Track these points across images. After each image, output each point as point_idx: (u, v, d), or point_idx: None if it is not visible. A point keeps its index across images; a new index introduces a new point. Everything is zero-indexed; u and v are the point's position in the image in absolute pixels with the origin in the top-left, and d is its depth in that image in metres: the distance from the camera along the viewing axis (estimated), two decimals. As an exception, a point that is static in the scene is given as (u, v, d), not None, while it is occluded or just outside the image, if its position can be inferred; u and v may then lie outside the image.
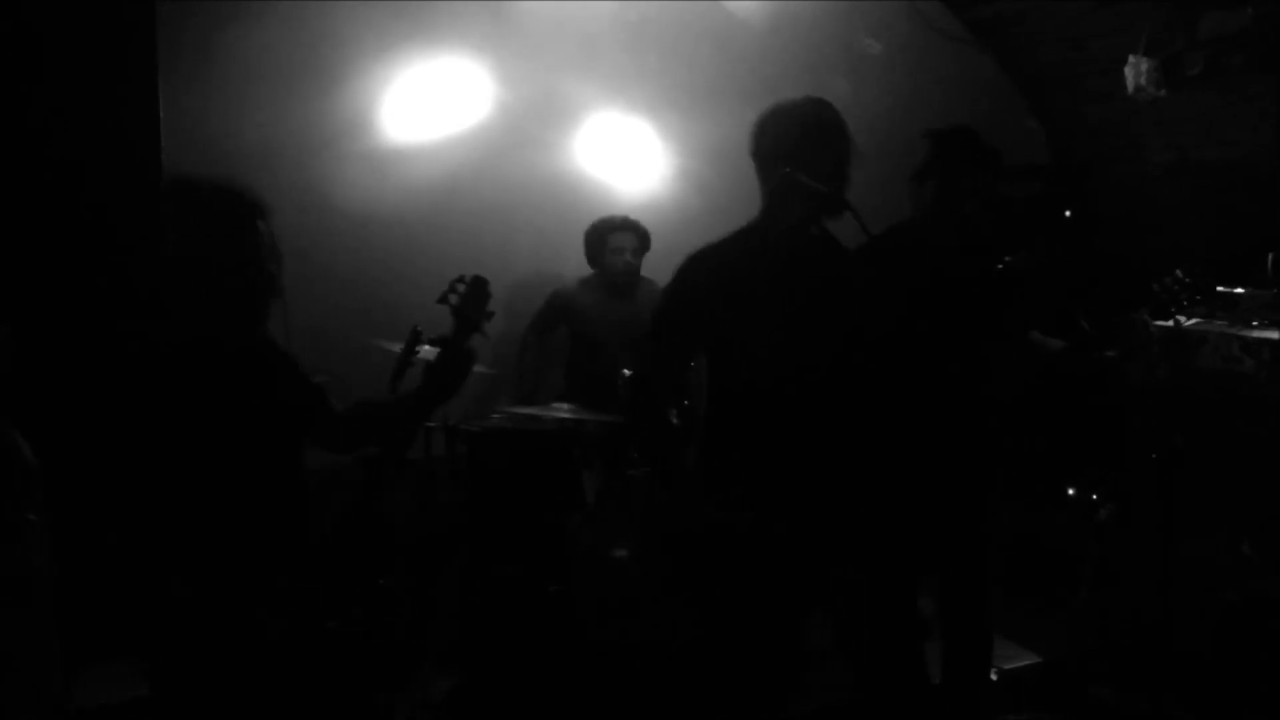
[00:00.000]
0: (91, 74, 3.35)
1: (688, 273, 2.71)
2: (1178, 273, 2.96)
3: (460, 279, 2.50)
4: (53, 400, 3.25)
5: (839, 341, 2.66)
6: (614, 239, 4.55)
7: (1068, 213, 3.37)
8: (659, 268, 4.36)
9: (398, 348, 3.75)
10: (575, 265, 4.73)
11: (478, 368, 3.92)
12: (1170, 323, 3.01)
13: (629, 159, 5.11)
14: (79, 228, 3.33)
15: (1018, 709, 3.47)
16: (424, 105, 4.77)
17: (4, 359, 2.77)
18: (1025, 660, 3.83)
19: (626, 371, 3.90)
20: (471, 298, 2.49)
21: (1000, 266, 3.21)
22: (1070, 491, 3.85)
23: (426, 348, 3.77)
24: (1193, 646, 3.58)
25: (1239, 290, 3.83)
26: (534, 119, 4.91)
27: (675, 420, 3.84)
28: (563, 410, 3.99)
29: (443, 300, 2.50)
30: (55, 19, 3.30)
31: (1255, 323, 3.76)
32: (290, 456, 2.29)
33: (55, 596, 2.57)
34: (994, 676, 3.50)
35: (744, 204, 2.81)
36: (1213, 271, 3.26)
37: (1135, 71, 4.54)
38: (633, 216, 4.62)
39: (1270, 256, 3.77)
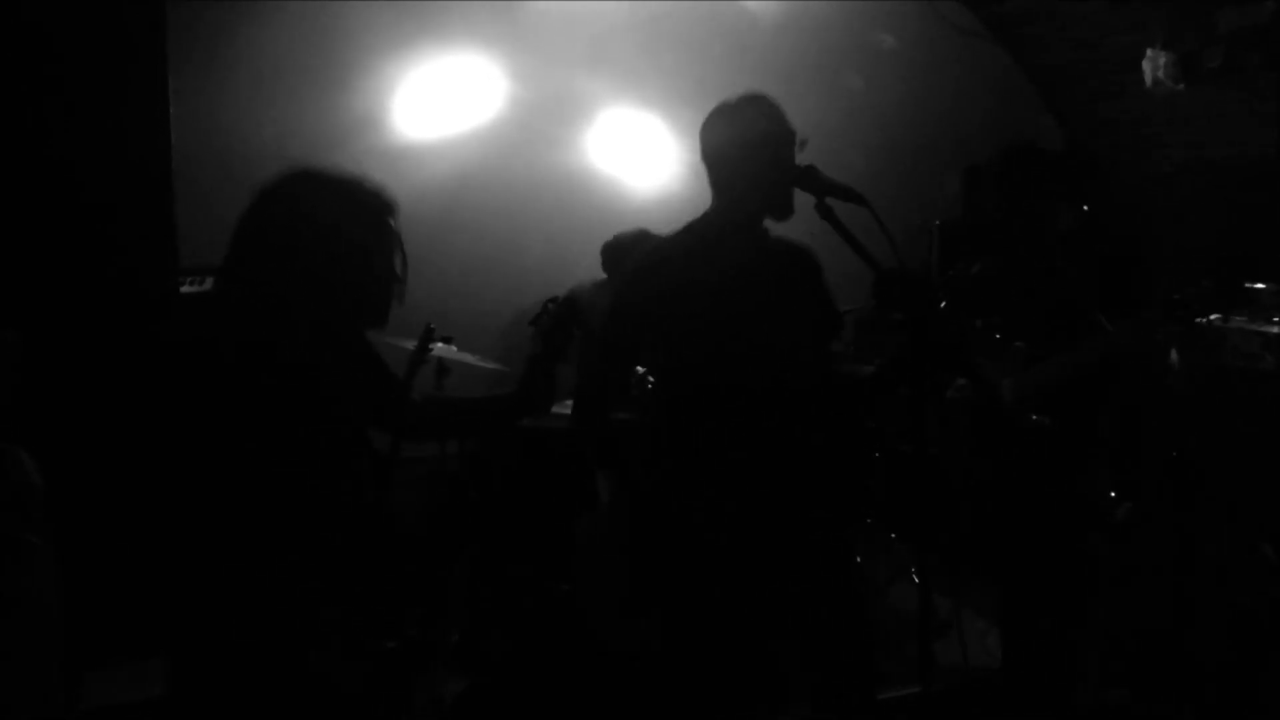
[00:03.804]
0: (100, 77, 3.34)
1: (640, 274, 2.71)
2: (1204, 283, 2.90)
3: (553, 299, 2.45)
4: (71, 403, 3.25)
5: (793, 342, 2.64)
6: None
7: (1085, 207, 3.33)
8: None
9: (411, 345, 3.75)
10: (588, 262, 4.70)
11: (490, 364, 3.93)
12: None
13: (642, 155, 5.09)
14: (87, 231, 3.33)
15: (1031, 711, 3.43)
16: (436, 103, 4.77)
17: (10, 367, 2.75)
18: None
19: (640, 369, 3.87)
20: (561, 321, 2.44)
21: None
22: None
23: (440, 344, 3.77)
24: (1210, 650, 3.55)
25: (1260, 286, 3.78)
26: (546, 116, 4.89)
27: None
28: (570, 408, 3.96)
29: (534, 322, 2.45)
30: (63, 22, 3.29)
31: (1277, 319, 3.72)
32: (365, 453, 2.22)
33: (60, 615, 2.55)
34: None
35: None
36: (1237, 276, 3.22)
37: (1153, 65, 4.50)
38: (645, 219, 4.55)
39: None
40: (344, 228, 2.06)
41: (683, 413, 2.69)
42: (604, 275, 4.65)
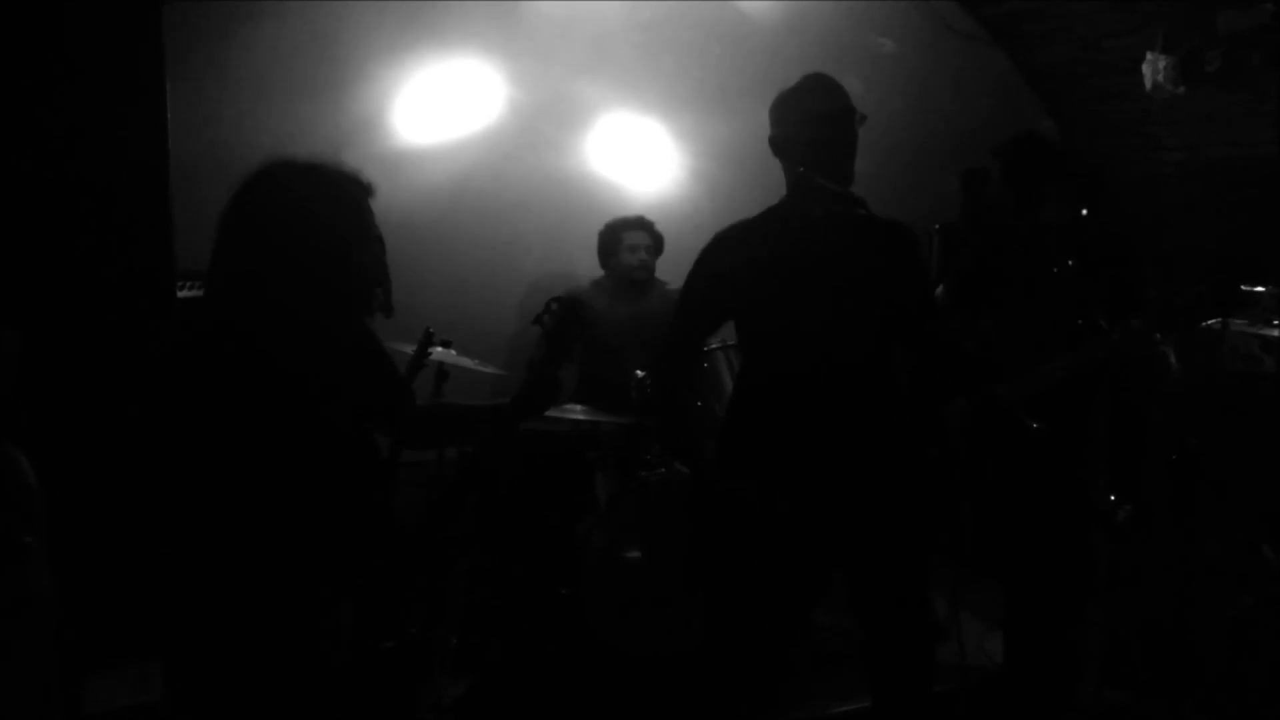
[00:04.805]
0: (98, 80, 3.35)
1: (713, 248, 2.76)
2: (1200, 289, 2.90)
3: (555, 299, 2.43)
4: (70, 402, 3.26)
5: (863, 322, 2.66)
6: (629, 237, 4.55)
7: (1085, 210, 3.34)
8: (672, 269, 4.34)
9: (410, 349, 3.75)
10: (587, 266, 4.71)
11: (490, 368, 3.93)
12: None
13: (641, 160, 5.09)
14: (86, 233, 3.33)
15: (1031, 711, 3.43)
16: (435, 107, 4.76)
17: (11, 366, 2.75)
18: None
19: (639, 373, 3.88)
20: (565, 321, 2.44)
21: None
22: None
23: (439, 349, 3.77)
24: (1210, 649, 3.55)
25: (1259, 288, 3.78)
26: (545, 120, 4.89)
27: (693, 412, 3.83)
28: (576, 412, 3.97)
29: (537, 321, 2.45)
30: (61, 26, 3.30)
31: (1276, 321, 3.72)
32: (369, 453, 2.21)
33: (55, 616, 2.55)
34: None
35: (757, 204, 2.80)
36: (1234, 278, 3.22)
37: (1153, 68, 4.50)
38: (646, 217, 4.62)
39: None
40: (322, 210, 2.06)
41: (752, 390, 2.73)
42: (603, 273, 4.67)
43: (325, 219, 2.06)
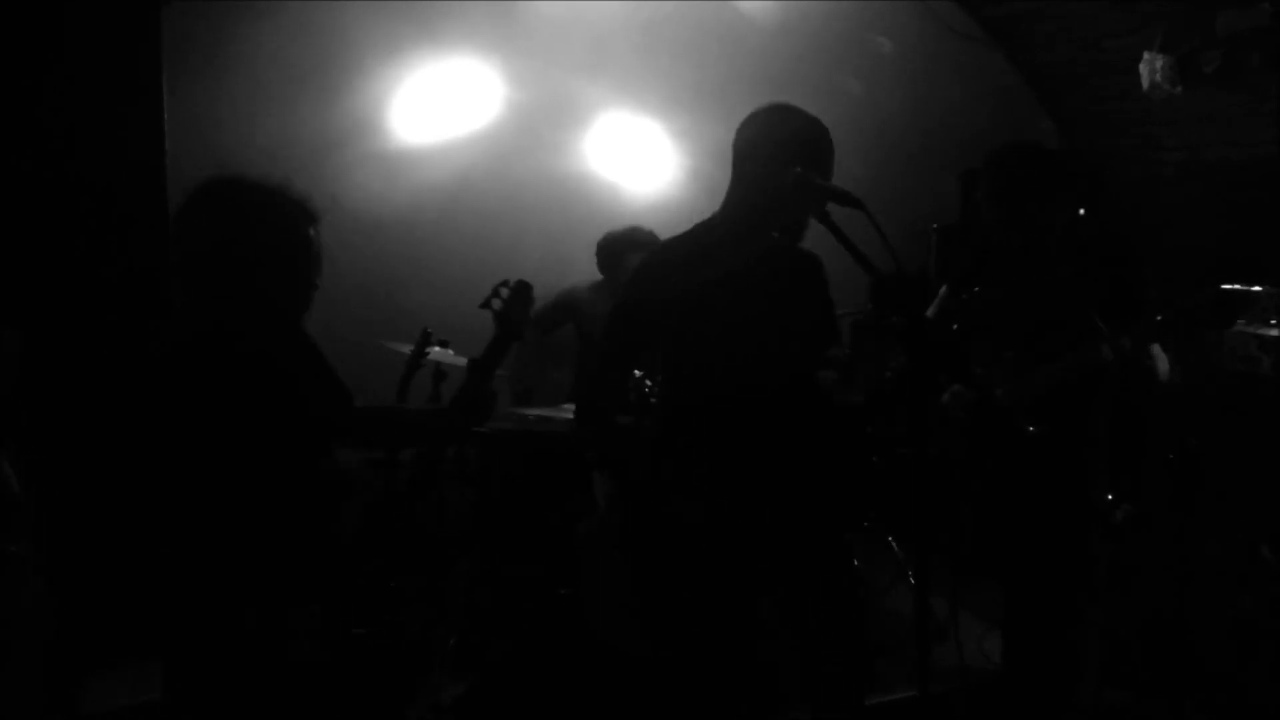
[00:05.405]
0: (97, 81, 3.35)
1: (642, 277, 2.69)
2: (1201, 296, 2.89)
3: (504, 283, 2.45)
4: (74, 405, 3.26)
5: (794, 348, 2.65)
6: (631, 259, 4.49)
7: (1081, 211, 3.34)
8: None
9: (407, 349, 3.75)
10: (585, 266, 4.70)
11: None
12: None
13: (639, 160, 5.09)
14: (84, 234, 3.34)
15: (1031, 711, 3.43)
16: (433, 107, 4.77)
17: (11, 366, 2.75)
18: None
19: (638, 373, 3.88)
20: (515, 303, 2.43)
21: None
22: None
23: (436, 349, 3.77)
24: (1210, 649, 3.55)
25: (1256, 289, 3.78)
26: (544, 120, 4.90)
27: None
28: (573, 411, 3.96)
29: (486, 305, 2.44)
30: (59, 27, 3.30)
31: (1273, 321, 3.72)
32: (318, 456, 2.22)
33: (45, 623, 2.55)
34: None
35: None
36: (1237, 282, 3.22)
37: (1150, 68, 4.50)
38: (643, 223, 4.56)
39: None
40: (259, 233, 2.08)
41: (680, 414, 2.71)
42: (601, 277, 4.66)
43: (261, 241, 2.09)
